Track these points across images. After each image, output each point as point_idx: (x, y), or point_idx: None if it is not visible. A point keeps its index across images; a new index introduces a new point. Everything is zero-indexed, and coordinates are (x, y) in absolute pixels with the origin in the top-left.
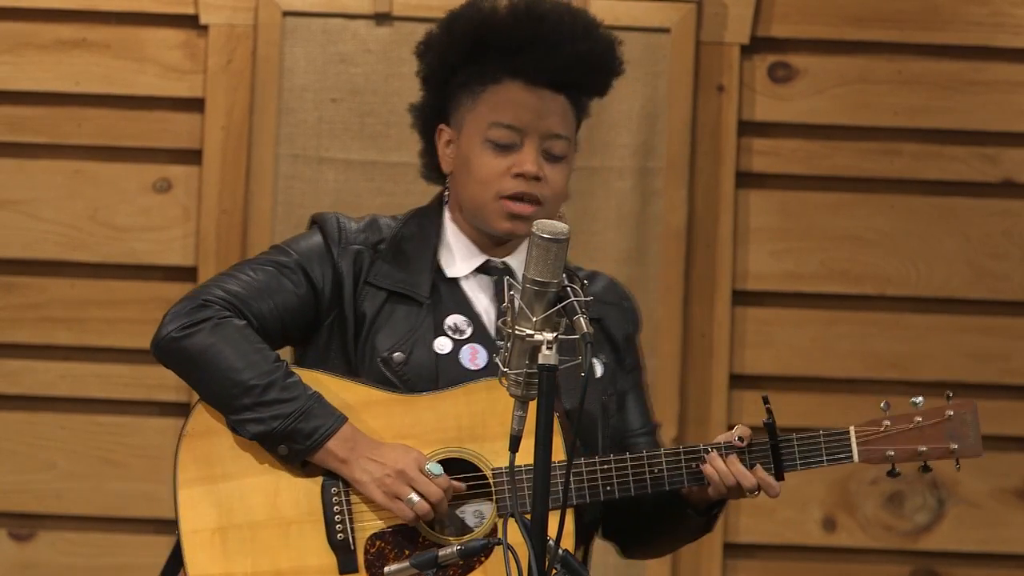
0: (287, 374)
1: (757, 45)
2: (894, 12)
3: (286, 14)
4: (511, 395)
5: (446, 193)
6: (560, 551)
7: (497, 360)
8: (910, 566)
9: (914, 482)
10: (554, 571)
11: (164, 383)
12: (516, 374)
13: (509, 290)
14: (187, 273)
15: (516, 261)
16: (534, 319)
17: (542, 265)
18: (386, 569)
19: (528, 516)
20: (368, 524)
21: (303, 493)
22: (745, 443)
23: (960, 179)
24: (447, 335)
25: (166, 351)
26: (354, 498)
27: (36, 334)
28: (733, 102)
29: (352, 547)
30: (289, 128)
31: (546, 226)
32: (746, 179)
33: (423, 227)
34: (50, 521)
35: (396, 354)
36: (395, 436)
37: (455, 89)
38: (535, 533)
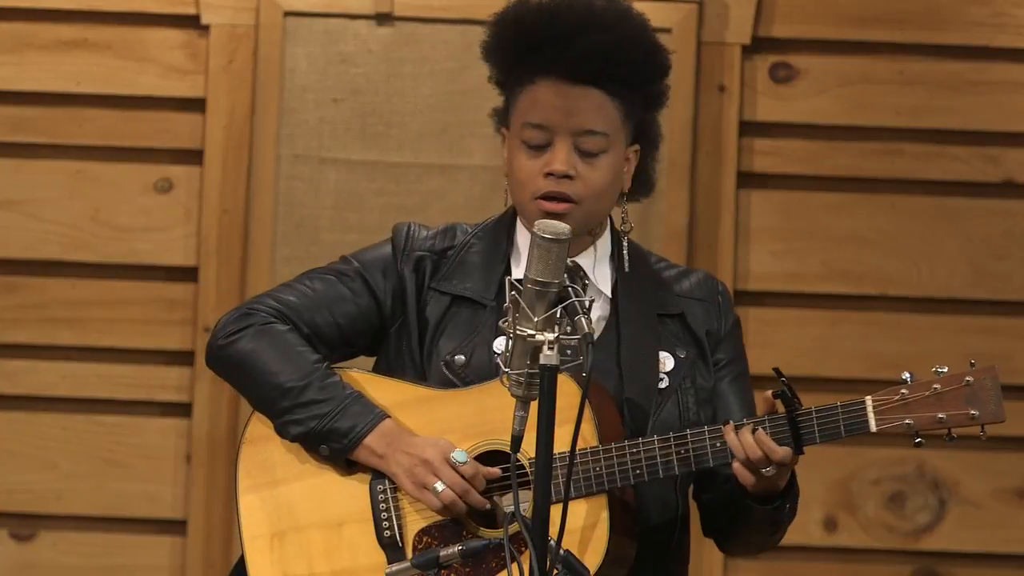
0: (325, 375)
1: (758, 45)
2: (896, 12)
3: (287, 14)
4: (512, 395)
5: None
6: (562, 551)
7: (499, 360)
8: (911, 566)
9: (915, 482)
10: (555, 572)
11: (165, 383)
12: (517, 374)
13: (510, 290)
14: (188, 273)
15: (587, 260)
16: (535, 319)
17: (543, 265)
18: (387, 570)
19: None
20: (415, 520)
21: (352, 493)
22: (762, 409)
23: (961, 179)
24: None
25: (214, 359)
26: (400, 495)
27: (37, 334)
28: (734, 102)
29: (400, 544)
30: (290, 128)
31: (547, 226)
32: (747, 179)
33: (496, 233)
34: (51, 521)
35: (458, 356)
36: (437, 431)
37: (507, 92)
38: (536, 532)
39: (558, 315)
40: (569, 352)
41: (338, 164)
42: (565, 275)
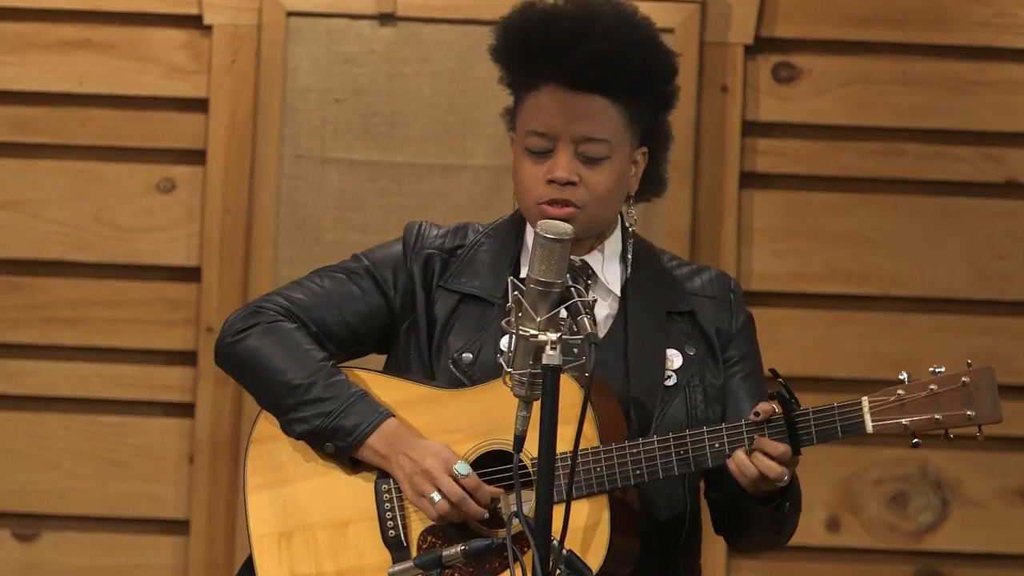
0: (331, 373)
1: (761, 45)
2: (898, 12)
3: (290, 14)
4: (515, 395)
5: None
6: (564, 551)
7: (501, 361)
8: (914, 566)
9: (918, 483)
10: (558, 572)
11: (168, 383)
12: (520, 374)
13: (513, 290)
14: (191, 273)
15: (595, 259)
16: (538, 319)
17: (546, 265)
18: (390, 569)
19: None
20: (420, 519)
21: (358, 492)
22: (761, 417)
23: (964, 179)
24: None
25: (222, 357)
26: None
27: (40, 334)
28: (737, 102)
29: (405, 544)
30: (293, 128)
31: (549, 226)
32: (750, 179)
33: (506, 232)
34: (54, 521)
35: (465, 354)
36: (441, 430)
37: (515, 95)
38: (538, 533)
39: (562, 315)
40: (575, 351)
41: (340, 164)
42: (568, 275)
